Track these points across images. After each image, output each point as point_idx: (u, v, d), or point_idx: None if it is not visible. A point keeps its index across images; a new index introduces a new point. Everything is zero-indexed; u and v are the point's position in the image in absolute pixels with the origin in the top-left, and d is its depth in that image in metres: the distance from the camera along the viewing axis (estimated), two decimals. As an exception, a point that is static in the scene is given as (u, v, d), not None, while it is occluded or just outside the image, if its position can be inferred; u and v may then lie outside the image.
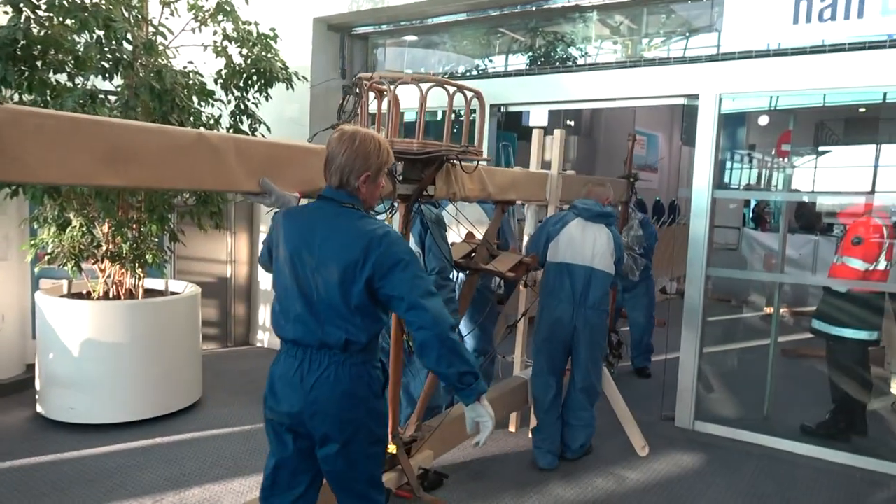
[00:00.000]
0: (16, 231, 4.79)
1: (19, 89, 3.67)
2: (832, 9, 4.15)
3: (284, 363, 2.06)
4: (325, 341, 1.99)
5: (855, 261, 4.13)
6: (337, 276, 1.96)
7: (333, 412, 2.00)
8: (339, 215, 2.02)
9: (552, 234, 3.81)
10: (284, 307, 2.06)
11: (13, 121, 1.58)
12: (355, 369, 2.02)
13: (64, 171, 1.71)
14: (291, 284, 2.03)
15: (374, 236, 1.97)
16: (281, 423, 2.09)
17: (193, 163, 1.99)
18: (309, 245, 2.01)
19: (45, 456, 3.73)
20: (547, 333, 3.81)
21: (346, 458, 2.04)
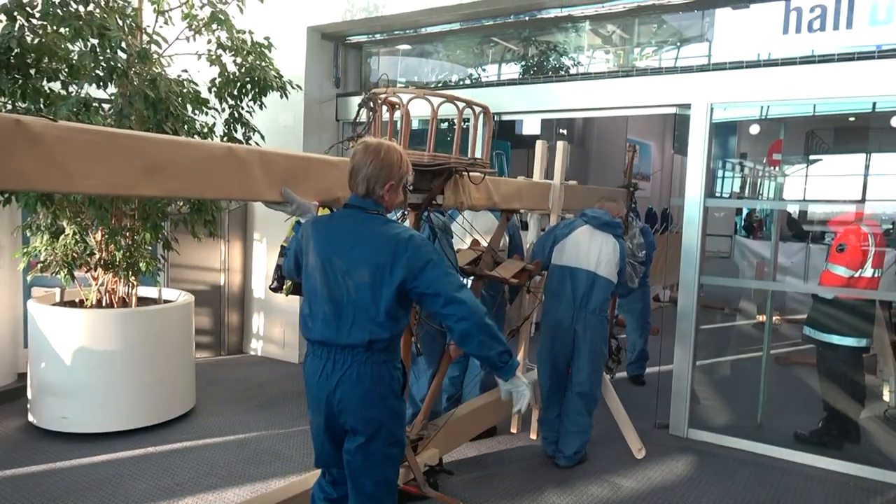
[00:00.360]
0: (8, 239, 4.77)
1: (13, 97, 3.66)
2: (821, 20, 4.21)
3: (312, 363, 2.21)
4: (350, 342, 2.12)
5: (839, 268, 4.17)
6: (368, 278, 2.10)
7: (356, 409, 2.14)
8: (365, 222, 2.17)
9: (559, 238, 3.92)
10: (313, 310, 2.19)
11: (64, 136, 1.72)
12: (377, 368, 2.15)
13: (106, 181, 1.84)
14: (321, 288, 2.16)
15: (401, 240, 2.12)
16: (318, 423, 2.24)
17: (222, 174, 2.12)
18: (339, 250, 2.15)
19: (37, 466, 3.70)
20: (549, 335, 3.92)
21: (365, 454, 2.17)
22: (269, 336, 6.27)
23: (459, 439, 3.58)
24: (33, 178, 1.70)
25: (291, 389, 5.27)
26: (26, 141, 1.65)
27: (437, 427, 3.23)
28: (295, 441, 4.22)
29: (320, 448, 2.32)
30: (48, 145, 1.69)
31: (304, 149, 5.85)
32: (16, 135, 1.64)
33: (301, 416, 4.66)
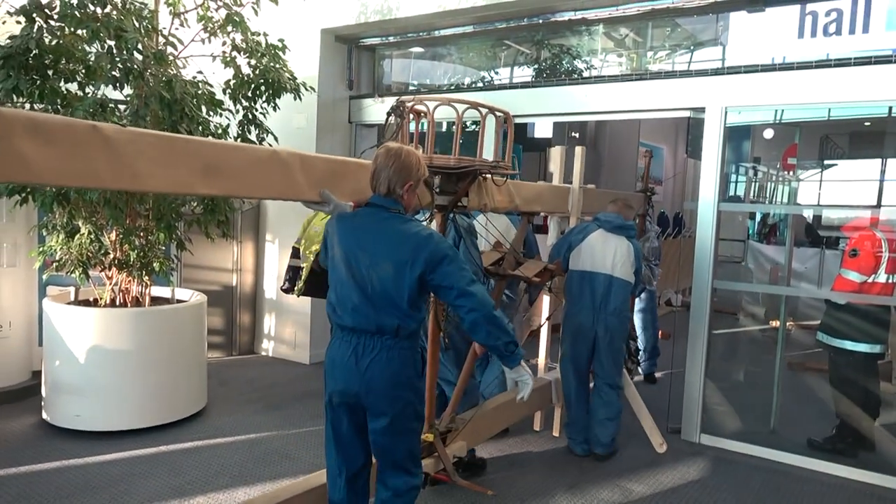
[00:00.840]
0: (24, 238, 4.82)
1: (31, 98, 3.71)
2: (837, 23, 4.18)
3: (339, 348, 2.39)
4: (381, 327, 2.32)
5: (851, 273, 4.14)
6: (391, 271, 2.30)
7: (385, 390, 2.33)
8: (387, 219, 2.36)
9: (574, 243, 4.06)
10: (341, 298, 2.37)
11: (132, 140, 1.88)
12: (404, 353, 2.36)
13: (168, 181, 2.01)
14: (348, 279, 2.35)
15: (421, 237, 2.32)
16: (340, 403, 2.41)
17: (267, 175, 2.28)
18: (363, 246, 2.34)
19: (49, 463, 3.73)
20: (571, 338, 4.08)
21: (392, 431, 2.38)
22: (280, 337, 6.29)
23: (485, 433, 3.75)
24: (107, 178, 1.86)
25: (302, 390, 5.28)
26: (101, 144, 1.81)
27: (464, 421, 3.38)
28: (305, 442, 4.23)
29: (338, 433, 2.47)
30: (119, 148, 1.84)
31: (316, 150, 5.87)
32: (92, 139, 1.79)
33: (312, 417, 4.68)
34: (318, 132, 5.92)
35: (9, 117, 1.64)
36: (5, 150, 1.62)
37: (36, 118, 1.72)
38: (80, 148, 1.77)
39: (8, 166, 1.65)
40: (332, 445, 2.51)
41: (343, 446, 2.48)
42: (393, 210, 2.38)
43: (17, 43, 3.47)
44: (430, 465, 3.07)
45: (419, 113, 2.90)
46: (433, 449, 3.12)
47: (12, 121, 1.64)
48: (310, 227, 4.97)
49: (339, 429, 2.46)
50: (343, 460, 2.49)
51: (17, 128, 1.64)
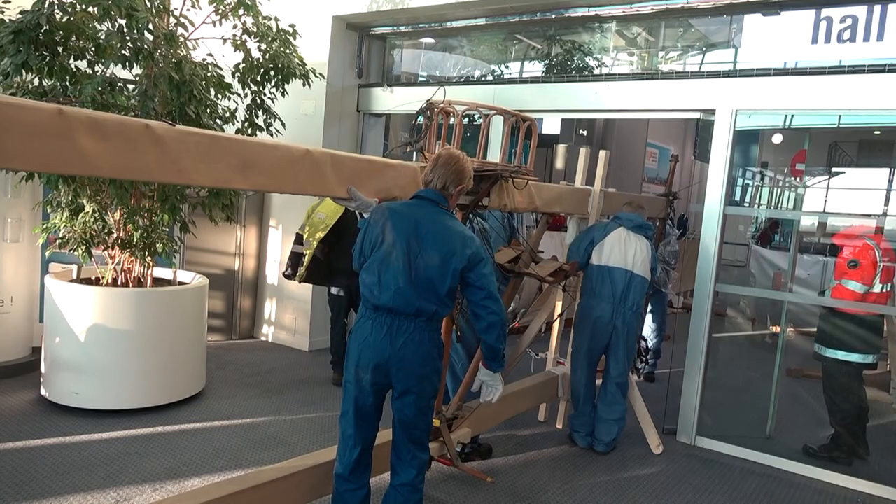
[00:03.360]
0: (29, 214, 4.82)
1: (40, 74, 3.70)
2: (852, 30, 4.15)
3: (373, 327, 2.55)
4: (419, 310, 2.52)
5: (852, 283, 4.14)
6: (437, 261, 2.51)
7: (416, 368, 2.55)
8: (437, 214, 2.59)
9: (597, 239, 4.16)
10: (384, 280, 2.53)
11: (179, 138, 2.03)
12: (433, 335, 2.58)
13: (209, 176, 2.16)
14: (395, 263, 2.52)
15: (468, 236, 2.58)
16: (368, 379, 2.56)
17: (300, 172, 2.42)
18: (416, 234, 2.53)
19: (47, 439, 3.75)
20: (589, 332, 4.15)
21: (417, 406, 2.60)
22: (280, 322, 6.30)
23: (490, 422, 3.87)
24: (156, 172, 2.02)
25: (300, 377, 5.30)
26: (151, 141, 1.96)
27: (471, 409, 3.47)
28: (301, 428, 4.24)
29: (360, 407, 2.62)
30: (167, 145, 2.00)
31: (323, 138, 5.86)
32: (144, 136, 1.95)
33: (309, 403, 4.69)
34: (325, 119, 5.90)
35: (71, 117, 1.78)
36: (69, 146, 1.79)
37: (95, 117, 1.86)
38: (133, 144, 1.92)
39: (70, 160, 1.82)
40: (351, 420, 2.64)
41: (363, 421, 2.64)
42: (442, 206, 2.61)
43: (28, 18, 3.46)
44: (434, 448, 3.20)
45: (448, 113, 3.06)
46: (439, 434, 3.25)
47: (75, 120, 1.79)
48: (314, 214, 5.01)
49: (363, 404, 2.61)
50: (360, 434, 2.65)
51: (79, 126, 1.80)
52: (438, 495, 3.45)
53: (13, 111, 1.70)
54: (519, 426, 4.49)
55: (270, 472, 2.76)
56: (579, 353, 4.23)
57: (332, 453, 2.96)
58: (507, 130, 3.20)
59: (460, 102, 3.08)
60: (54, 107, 1.77)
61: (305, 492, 2.82)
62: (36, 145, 1.74)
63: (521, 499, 3.52)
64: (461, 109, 3.09)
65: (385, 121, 6.47)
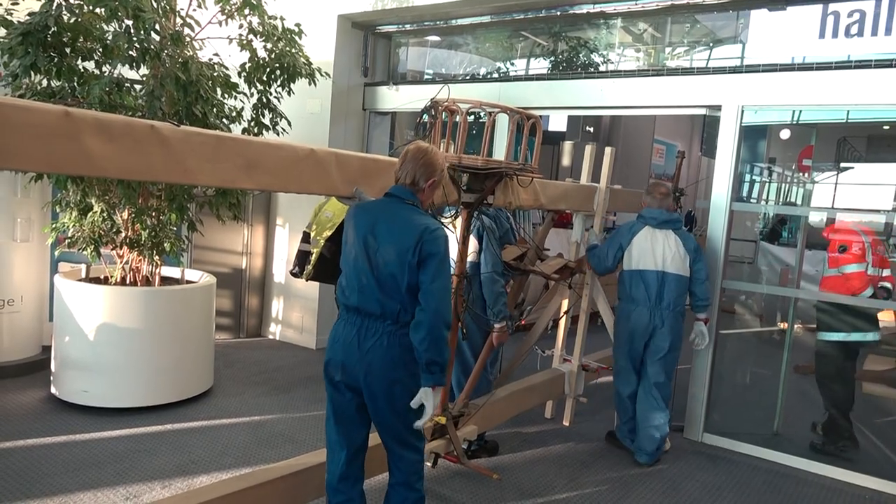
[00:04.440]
0: (38, 214, 4.86)
1: (48, 75, 3.73)
2: (859, 25, 4.12)
3: (344, 328, 2.50)
4: (384, 310, 2.42)
5: (852, 266, 4.21)
6: (394, 256, 2.41)
7: (383, 372, 2.43)
8: (401, 209, 2.49)
9: (624, 245, 4.07)
10: (350, 280, 2.49)
11: (184, 139, 2.05)
12: (403, 339, 2.43)
13: (215, 176, 2.18)
14: (361, 262, 2.46)
15: (427, 228, 2.42)
16: (341, 381, 2.50)
17: (304, 172, 2.43)
18: (374, 231, 2.46)
19: (56, 437, 3.78)
20: (627, 335, 4.07)
21: (392, 410, 2.47)
22: (287, 321, 6.33)
23: (496, 419, 3.86)
24: (161, 172, 2.05)
25: (308, 374, 5.32)
26: (157, 142, 1.98)
27: (477, 406, 3.49)
28: (309, 425, 4.26)
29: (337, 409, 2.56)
30: (173, 146, 2.02)
31: (329, 136, 5.88)
32: (150, 137, 1.97)
33: (316, 401, 4.71)
34: (331, 118, 5.92)
35: (78, 118, 1.81)
36: (76, 147, 1.81)
37: (102, 119, 1.88)
38: (139, 145, 1.95)
39: (78, 161, 1.84)
40: (332, 423, 2.59)
41: (343, 424, 2.57)
42: (408, 202, 2.51)
43: (36, 20, 3.49)
44: (441, 446, 3.25)
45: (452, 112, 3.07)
46: (445, 431, 3.26)
47: (81, 121, 1.81)
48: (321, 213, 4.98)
49: (339, 406, 2.56)
50: (344, 438, 2.58)
51: (85, 127, 1.82)
52: (445, 492, 3.46)
53: (21, 113, 1.72)
54: (525, 423, 4.50)
55: (278, 469, 2.78)
56: (622, 359, 4.14)
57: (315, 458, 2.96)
58: (512, 128, 3.21)
59: (464, 101, 3.09)
60: (61, 109, 1.79)
61: (313, 489, 2.83)
62: (44, 147, 1.77)
63: (528, 496, 3.52)
64: (465, 107, 3.10)
65: (391, 119, 6.48)
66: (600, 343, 5.09)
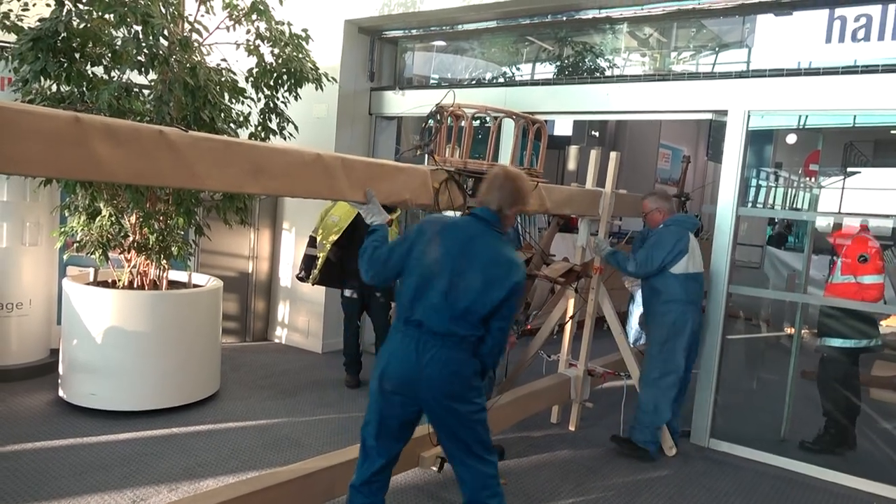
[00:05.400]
0: (47, 218, 4.89)
1: (58, 80, 3.76)
2: (866, 29, 4.12)
3: (402, 341, 2.49)
4: (450, 330, 2.43)
5: (869, 277, 4.19)
6: (479, 284, 2.43)
7: (443, 386, 2.44)
8: (488, 235, 2.52)
9: (685, 250, 4.14)
10: (419, 294, 2.47)
11: (193, 144, 2.06)
12: (462, 355, 2.46)
13: (222, 180, 2.18)
14: (434, 279, 2.45)
15: (517, 264, 2.52)
16: (394, 392, 2.49)
17: (311, 177, 2.43)
18: (463, 253, 2.47)
19: (64, 440, 3.80)
20: (688, 339, 4.16)
21: (458, 421, 2.49)
22: (293, 325, 6.34)
23: (502, 424, 3.88)
24: (170, 177, 2.07)
25: (314, 379, 5.33)
26: (166, 147, 1.99)
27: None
28: (315, 429, 4.27)
29: (384, 420, 2.54)
30: (181, 151, 2.03)
31: (335, 141, 5.90)
32: (159, 142, 1.98)
33: (322, 405, 4.72)
34: (338, 123, 5.94)
35: (87, 124, 1.82)
36: (85, 152, 1.83)
37: (110, 124, 1.89)
38: (147, 150, 1.96)
39: (86, 166, 1.86)
40: (372, 431, 2.57)
41: (385, 435, 2.56)
42: (495, 227, 2.55)
43: (46, 26, 3.52)
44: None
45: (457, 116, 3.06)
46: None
47: (90, 127, 1.83)
48: (327, 217, 5.04)
49: (387, 417, 2.54)
50: (383, 448, 2.57)
51: (94, 133, 1.84)
52: (451, 497, 3.46)
53: (31, 119, 1.73)
54: (531, 428, 4.49)
55: (285, 473, 2.79)
56: (678, 366, 4.15)
57: (345, 455, 2.99)
58: (518, 133, 3.22)
59: (470, 105, 3.10)
60: (71, 114, 1.81)
61: (319, 493, 2.85)
62: (53, 152, 1.78)
63: (534, 501, 3.52)
64: (471, 112, 3.10)
65: (397, 124, 6.50)
66: (606, 348, 5.08)
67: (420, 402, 2.48)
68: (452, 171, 3.04)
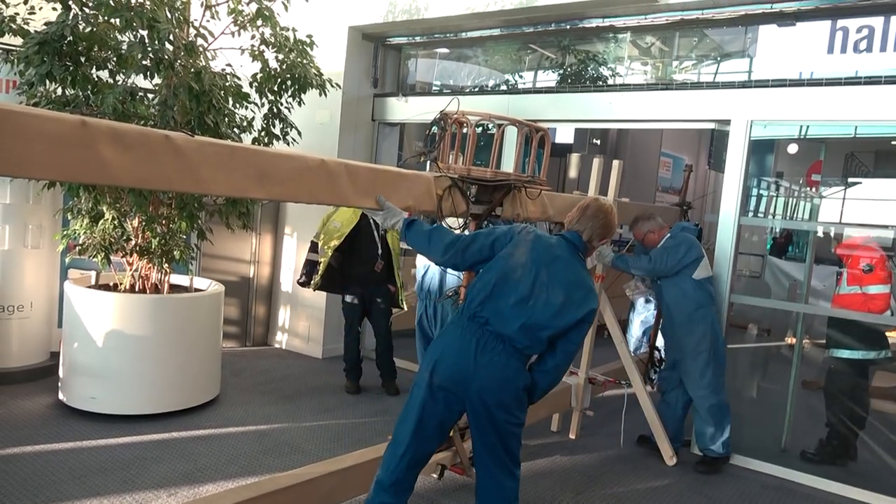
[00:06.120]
0: (50, 220, 4.90)
1: (63, 83, 3.77)
2: (868, 40, 4.13)
3: (461, 337, 2.48)
4: (514, 338, 2.45)
5: (876, 287, 4.17)
6: (560, 301, 2.46)
7: (494, 391, 2.43)
8: (575, 259, 2.59)
9: (701, 255, 4.19)
10: (496, 294, 2.47)
11: (198, 148, 2.07)
12: (519, 364, 2.48)
13: (227, 186, 2.19)
14: (514, 285, 2.47)
15: (595, 293, 2.58)
16: (441, 388, 2.47)
17: (315, 182, 2.44)
18: (549, 268, 2.50)
19: (63, 443, 3.79)
20: (721, 344, 4.20)
21: (495, 429, 2.47)
22: (294, 330, 6.34)
23: None
24: (176, 182, 2.07)
25: (314, 384, 5.32)
26: (172, 152, 2.00)
27: None
28: (315, 435, 4.26)
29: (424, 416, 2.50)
30: (187, 156, 2.04)
31: (338, 147, 5.91)
32: (164, 147, 1.99)
33: (323, 410, 4.71)
34: (341, 129, 5.95)
35: (94, 128, 1.83)
36: (91, 155, 1.83)
37: (117, 128, 1.90)
38: (153, 154, 1.97)
39: (92, 169, 1.86)
40: (410, 426, 2.53)
41: (421, 431, 2.52)
42: (581, 254, 2.63)
43: (52, 29, 3.54)
44: (447, 458, 3.26)
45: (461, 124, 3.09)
46: (452, 442, 3.26)
47: (97, 131, 1.84)
48: (329, 223, 5.05)
49: (429, 414, 2.51)
50: (416, 444, 2.53)
51: (101, 137, 1.84)
52: (451, 504, 3.45)
53: (38, 122, 1.73)
54: (531, 436, 4.48)
55: (285, 478, 2.78)
56: (721, 372, 4.19)
57: (346, 461, 2.98)
58: (521, 140, 3.23)
59: (474, 113, 3.10)
60: (78, 118, 1.81)
61: (320, 499, 2.84)
62: (60, 155, 1.78)
63: (534, 509, 3.51)
64: (474, 120, 3.12)
65: (399, 130, 6.52)
66: (607, 356, 5.08)
67: (467, 402, 2.46)
68: (456, 178, 3.04)
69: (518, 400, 2.50)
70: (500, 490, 2.55)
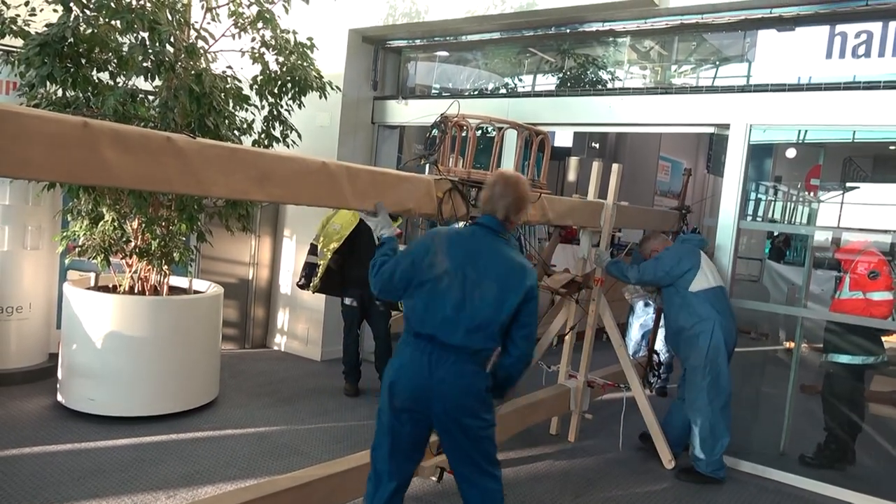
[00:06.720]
0: (49, 222, 4.90)
1: (63, 85, 3.78)
2: (867, 45, 4.15)
3: (412, 355, 2.44)
4: (464, 343, 2.40)
5: (879, 293, 4.17)
6: (494, 293, 2.41)
7: (455, 400, 2.40)
8: (496, 243, 2.51)
9: (695, 266, 4.11)
10: (430, 308, 2.43)
11: (199, 150, 2.07)
12: (476, 367, 2.44)
13: (228, 187, 2.20)
14: (445, 291, 2.42)
15: (528, 269, 2.50)
16: (404, 409, 2.45)
17: (316, 185, 2.44)
18: (473, 264, 2.44)
19: (62, 445, 3.79)
20: (723, 356, 4.07)
21: (466, 437, 2.45)
22: (292, 332, 6.34)
23: (501, 435, 3.87)
24: (177, 183, 2.08)
25: (313, 386, 5.32)
26: (173, 154, 2.01)
27: None
28: (314, 437, 4.26)
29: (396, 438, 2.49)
30: (188, 157, 2.04)
31: (338, 149, 5.92)
32: (166, 148, 1.99)
33: (321, 413, 4.71)
34: (340, 131, 5.96)
35: (96, 129, 1.83)
36: (93, 157, 1.84)
37: (119, 130, 1.90)
38: (155, 156, 1.97)
39: (94, 170, 1.87)
40: (384, 452, 2.51)
41: (398, 453, 2.51)
42: (502, 235, 2.54)
43: (53, 31, 3.55)
44: (445, 461, 3.14)
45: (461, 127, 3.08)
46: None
47: (99, 132, 1.84)
48: (328, 225, 5.05)
49: (399, 435, 2.49)
50: (396, 469, 2.52)
51: (103, 138, 1.85)
52: (450, 507, 3.45)
53: (39, 123, 1.74)
54: (530, 439, 4.48)
55: (283, 481, 2.78)
56: (720, 384, 4.05)
57: (344, 464, 2.98)
58: (521, 143, 3.24)
59: (474, 116, 3.12)
60: (80, 119, 1.82)
61: (318, 501, 2.84)
62: (61, 156, 1.79)
63: (533, 512, 3.51)
64: (474, 123, 3.13)
65: (399, 133, 6.53)
66: (606, 359, 5.08)
67: (431, 416, 2.44)
68: (456, 180, 3.05)
69: (482, 402, 2.47)
70: (485, 494, 2.53)
